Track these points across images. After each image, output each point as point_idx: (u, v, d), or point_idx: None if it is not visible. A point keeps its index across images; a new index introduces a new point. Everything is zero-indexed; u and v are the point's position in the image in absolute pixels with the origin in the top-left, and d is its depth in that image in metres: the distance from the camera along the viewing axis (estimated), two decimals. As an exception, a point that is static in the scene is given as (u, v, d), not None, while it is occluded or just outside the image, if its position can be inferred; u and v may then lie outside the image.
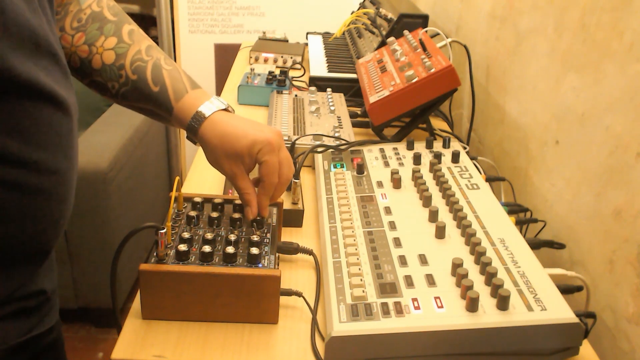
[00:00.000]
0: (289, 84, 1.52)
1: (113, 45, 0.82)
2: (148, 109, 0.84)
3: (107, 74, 0.82)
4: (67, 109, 0.70)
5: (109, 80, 0.82)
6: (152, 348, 0.69)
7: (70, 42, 0.82)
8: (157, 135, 2.48)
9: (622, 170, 0.83)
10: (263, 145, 0.76)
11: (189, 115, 0.79)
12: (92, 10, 0.83)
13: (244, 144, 0.76)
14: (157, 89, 0.81)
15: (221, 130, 0.77)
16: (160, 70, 0.82)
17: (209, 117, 0.78)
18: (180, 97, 0.80)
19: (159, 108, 0.81)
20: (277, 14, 2.61)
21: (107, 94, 0.84)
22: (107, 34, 0.82)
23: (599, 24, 0.90)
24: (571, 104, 0.98)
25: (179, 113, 0.80)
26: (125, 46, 0.82)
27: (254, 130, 0.77)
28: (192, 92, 0.81)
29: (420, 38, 1.29)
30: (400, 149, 1.09)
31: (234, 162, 0.77)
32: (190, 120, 0.79)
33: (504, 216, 0.87)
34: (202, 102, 0.79)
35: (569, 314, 0.68)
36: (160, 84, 0.81)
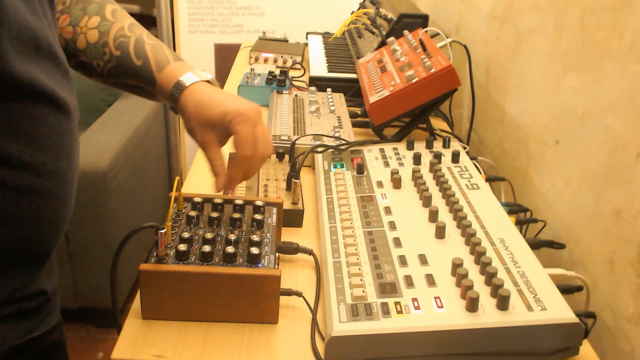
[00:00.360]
0: (289, 84, 1.52)
1: (96, 24, 0.82)
2: (133, 85, 0.84)
3: (92, 52, 0.82)
4: (68, 111, 0.70)
5: (94, 59, 0.83)
6: (152, 348, 0.69)
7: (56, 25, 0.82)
8: (157, 135, 2.48)
9: (622, 170, 0.83)
10: (235, 115, 0.76)
11: (170, 84, 0.80)
12: None
13: (216, 112, 0.76)
14: (140, 63, 0.81)
15: (198, 98, 0.78)
16: (143, 45, 0.82)
17: (189, 86, 0.79)
18: (163, 68, 0.81)
19: (143, 81, 0.82)
20: (277, 14, 2.61)
21: (93, 74, 0.85)
22: (91, 13, 0.83)
23: (599, 24, 0.90)
24: (571, 104, 0.98)
25: (161, 83, 0.81)
26: (108, 24, 0.83)
27: (230, 101, 0.77)
28: (175, 63, 0.82)
29: (420, 38, 1.29)
30: (400, 149, 1.09)
31: (206, 130, 0.78)
32: (171, 89, 0.79)
33: (504, 216, 0.87)
34: (184, 73, 0.80)
35: (569, 314, 0.68)
36: (143, 57, 0.82)
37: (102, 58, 0.82)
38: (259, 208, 0.84)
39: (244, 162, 0.78)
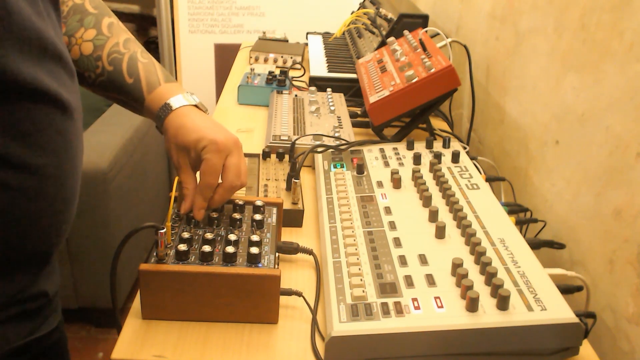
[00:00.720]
0: (289, 84, 1.52)
1: (92, 37, 0.84)
2: (121, 100, 0.86)
3: (85, 64, 0.83)
4: (72, 113, 0.70)
5: (85, 70, 0.84)
6: (152, 348, 0.69)
7: None
8: (157, 135, 2.47)
9: (622, 170, 0.83)
10: (208, 142, 0.76)
11: (158, 105, 0.81)
12: (74, 2, 0.85)
13: (192, 138, 0.77)
14: (131, 81, 0.83)
15: (181, 121, 0.79)
16: (136, 63, 0.84)
17: (175, 110, 0.80)
18: (153, 89, 0.82)
19: (132, 99, 0.84)
20: (277, 14, 2.61)
21: (83, 83, 0.85)
22: (87, 26, 0.84)
23: (599, 24, 0.90)
24: (571, 104, 0.98)
25: (149, 104, 0.82)
26: (103, 38, 0.84)
27: (208, 129, 0.78)
28: (165, 84, 0.83)
29: (420, 38, 1.29)
30: (400, 149, 1.09)
31: (181, 153, 0.79)
32: (158, 110, 0.81)
33: (504, 216, 0.87)
34: (174, 95, 0.82)
35: (569, 314, 0.68)
36: (135, 76, 0.83)
37: (94, 71, 0.84)
38: (259, 208, 0.84)
39: (206, 190, 0.77)
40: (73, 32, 0.84)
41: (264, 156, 1.11)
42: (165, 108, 0.81)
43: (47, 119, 0.66)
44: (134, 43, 0.86)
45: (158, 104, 0.81)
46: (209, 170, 0.76)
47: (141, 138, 2.20)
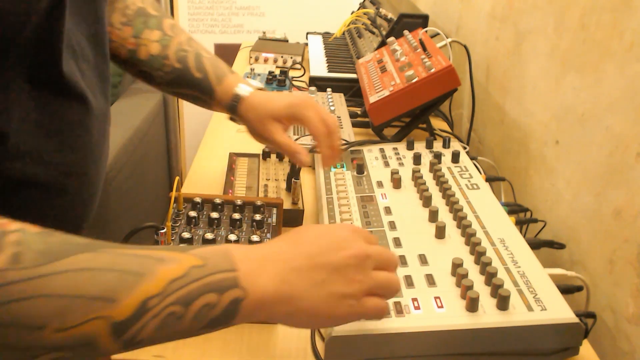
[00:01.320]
0: (289, 84, 1.52)
1: (158, 38, 0.90)
2: (191, 95, 0.92)
3: (153, 64, 0.90)
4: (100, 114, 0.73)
5: (155, 70, 0.90)
6: (152, 348, 0.69)
7: (119, 36, 0.89)
8: (157, 135, 2.48)
9: (622, 170, 0.83)
10: (298, 103, 0.86)
11: (229, 96, 0.89)
12: (137, 6, 0.91)
13: (281, 105, 0.86)
14: (200, 76, 0.90)
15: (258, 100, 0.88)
16: (202, 59, 0.91)
17: (246, 97, 0.88)
18: (221, 81, 0.90)
19: (203, 92, 0.91)
20: (277, 14, 2.61)
21: (153, 83, 0.92)
22: (152, 27, 0.90)
23: (599, 24, 0.90)
24: (571, 104, 0.98)
25: (220, 95, 0.90)
26: (168, 38, 0.91)
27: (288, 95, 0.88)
28: (231, 76, 0.91)
29: (420, 38, 1.29)
30: (400, 149, 1.09)
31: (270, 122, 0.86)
32: (230, 100, 0.89)
33: (504, 216, 0.87)
34: (239, 84, 0.90)
35: (569, 314, 0.68)
36: (203, 71, 0.90)
37: (163, 70, 0.90)
38: (259, 208, 0.84)
39: (325, 139, 0.86)
40: (139, 33, 0.90)
41: (264, 156, 1.11)
42: (236, 97, 0.89)
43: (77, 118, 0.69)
44: (194, 40, 0.93)
45: (228, 94, 0.89)
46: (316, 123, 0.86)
47: (141, 138, 2.20)
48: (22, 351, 0.43)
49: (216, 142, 1.26)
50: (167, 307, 0.46)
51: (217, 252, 0.51)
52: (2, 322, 0.41)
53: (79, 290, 0.44)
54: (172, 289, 0.47)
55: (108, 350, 0.46)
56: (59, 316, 0.43)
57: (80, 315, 0.43)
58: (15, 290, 0.42)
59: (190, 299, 0.47)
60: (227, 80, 0.90)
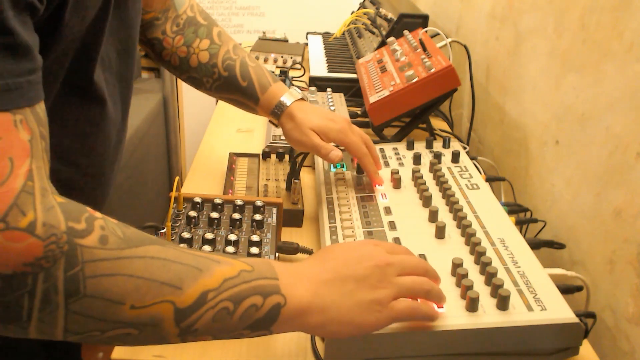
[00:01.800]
0: (289, 84, 1.52)
1: (207, 47, 0.97)
2: (236, 100, 0.98)
3: (203, 71, 0.96)
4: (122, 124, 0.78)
5: (204, 77, 0.97)
6: (152, 348, 0.69)
7: (171, 44, 0.96)
8: (157, 135, 2.48)
9: (622, 170, 0.83)
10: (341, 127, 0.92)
11: (272, 104, 0.95)
12: (188, 15, 0.98)
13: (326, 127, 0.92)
14: (245, 84, 0.96)
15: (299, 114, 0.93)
16: (247, 67, 0.97)
17: (289, 106, 0.94)
18: (265, 90, 0.96)
19: (248, 99, 0.97)
20: (277, 14, 2.61)
21: (201, 88, 0.99)
22: (201, 36, 0.97)
23: (599, 24, 0.90)
24: (571, 104, 0.98)
25: (264, 102, 0.96)
26: (216, 47, 0.97)
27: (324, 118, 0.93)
28: (275, 85, 0.96)
29: (420, 38, 1.29)
30: (400, 149, 1.09)
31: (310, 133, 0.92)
32: (274, 108, 0.95)
33: (504, 216, 0.87)
34: (283, 93, 0.95)
35: (569, 314, 0.68)
36: (248, 79, 0.96)
37: (212, 77, 0.96)
38: (259, 208, 0.84)
39: (369, 158, 0.93)
40: (190, 42, 0.97)
41: (264, 156, 1.11)
42: (280, 106, 0.94)
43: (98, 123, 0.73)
44: (240, 49, 0.99)
45: (272, 102, 0.95)
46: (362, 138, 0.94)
47: (141, 138, 2.20)
48: (102, 323, 0.49)
49: (216, 142, 1.26)
50: (221, 302, 0.52)
51: (261, 262, 0.58)
52: (92, 293, 0.47)
53: (152, 275, 0.50)
54: (226, 287, 0.53)
55: (168, 335, 0.51)
56: (135, 294, 0.49)
57: (152, 296, 0.49)
58: (104, 267, 0.48)
59: (240, 297, 0.53)
60: (272, 89, 0.96)
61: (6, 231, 0.44)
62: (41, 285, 0.46)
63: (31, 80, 0.49)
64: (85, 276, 0.47)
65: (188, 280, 0.51)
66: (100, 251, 0.48)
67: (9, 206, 0.45)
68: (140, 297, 0.49)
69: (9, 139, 0.46)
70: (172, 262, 0.52)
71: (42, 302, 0.46)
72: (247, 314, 0.54)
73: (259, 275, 0.55)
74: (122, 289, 0.48)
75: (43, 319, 0.47)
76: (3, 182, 0.45)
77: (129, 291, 0.49)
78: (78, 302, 0.47)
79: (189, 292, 0.51)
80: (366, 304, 0.58)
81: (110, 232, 0.50)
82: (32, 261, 0.45)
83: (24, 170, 0.47)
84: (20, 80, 0.48)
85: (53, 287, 0.46)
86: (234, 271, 0.54)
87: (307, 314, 0.56)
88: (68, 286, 0.47)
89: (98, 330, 0.49)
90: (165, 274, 0.50)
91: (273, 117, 0.96)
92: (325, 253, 0.63)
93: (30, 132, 0.48)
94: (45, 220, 0.46)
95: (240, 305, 0.53)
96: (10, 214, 0.45)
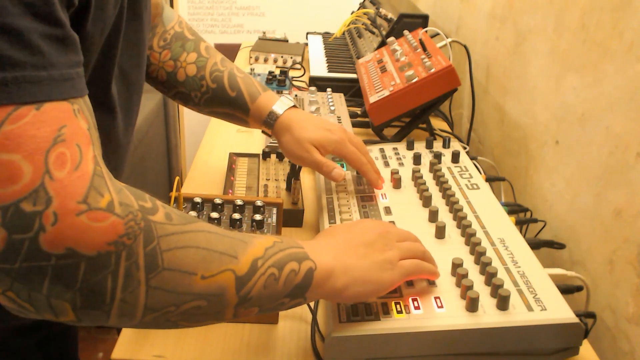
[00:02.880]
0: (289, 84, 1.52)
1: (194, 60, 0.95)
2: (227, 113, 0.96)
3: (190, 84, 0.95)
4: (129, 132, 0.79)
5: (192, 90, 0.95)
6: (152, 348, 0.69)
7: (158, 59, 0.95)
8: (157, 135, 2.48)
9: (622, 170, 0.83)
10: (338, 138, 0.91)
11: (264, 113, 0.93)
12: (175, 30, 0.97)
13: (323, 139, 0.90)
14: (234, 94, 0.94)
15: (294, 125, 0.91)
16: (235, 78, 0.95)
17: (281, 115, 0.92)
18: (255, 99, 0.94)
19: (237, 110, 0.95)
20: (277, 14, 2.61)
21: (190, 103, 0.97)
22: (189, 50, 0.96)
23: (599, 24, 0.90)
24: (571, 104, 0.98)
25: (255, 113, 0.94)
26: (204, 60, 0.96)
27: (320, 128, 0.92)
28: (264, 94, 0.95)
29: (420, 38, 1.29)
30: (400, 149, 1.09)
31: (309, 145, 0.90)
32: (265, 117, 0.93)
33: (504, 216, 0.87)
34: (274, 102, 0.93)
35: (569, 314, 0.68)
36: (237, 89, 0.94)
37: (200, 90, 0.95)
38: (259, 208, 0.84)
39: (368, 166, 0.93)
40: (177, 56, 0.95)
41: (264, 156, 1.11)
42: (272, 115, 0.92)
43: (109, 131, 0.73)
44: (228, 61, 0.98)
45: (263, 112, 0.93)
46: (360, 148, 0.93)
47: (141, 138, 2.20)
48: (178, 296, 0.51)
49: (216, 142, 1.26)
50: (269, 268, 0.56)
51: (284, 237, 0.62)
52: (169, 266, 0.50)
53: (214, 246, 0.53)
54: (269, 255, 0.57)
55: (228, 306, 0.54)
56: (203, 264, 0.52)
57: (217, 265, 0.53)
58: (176, 240, 0.51)
59: (281, 263, 0.57)
60: (262, 98, 0.94)
61: (89, 212, 0.46)
62: (124, 263, 0.47)
63: (79, 72, 0.51)
64: (161, 250, 0.49)
65: (240, 250, 0.55)
66: (169, 226, 0.51)
67: (87, 188, 0.46)
68: (207, 267, 0.52)
69: (73, 127, 0.48)
70: (223, 235, 0.56)
71: (125, 281, 0.48)
72: (289, 280, 0.58)
73: (288, 245, 0.60)
74: (193, 260, 0.51)
75: (125, 299, 0.48)
76: (77, 166, 0.47)
77: (199, 262, 0.52)
78: (158, 277, 0.49)
79: (243, 261, 0.55)
80: (379, 264, 0.65)
81: (171, 210, 0.53)
82: (115, 239, 0.47)
83: (91, 156, 0.48)
84: (72, 71, 0.49)
85: (135, 264, 0.48)
86: (269, 242, 0.58)
87: (333, 276, 0.61)
88: (148, 261, 0.49)
89: (173, 304, 0.51)
90: (222, 245, 0.54)
91: (266, 126, 0.94)
92: (330, 231, 0.70)
93: (87, 121, 0.50)
94: (121, 200, 0.48)
95: (283, 270, 0.57)
96: (90, 195, 0.46)
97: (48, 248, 0.45)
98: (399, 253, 0.67)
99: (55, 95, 0.47)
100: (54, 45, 0.47)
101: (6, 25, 0.44)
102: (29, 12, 0.45)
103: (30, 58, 0.45)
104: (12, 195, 0.44)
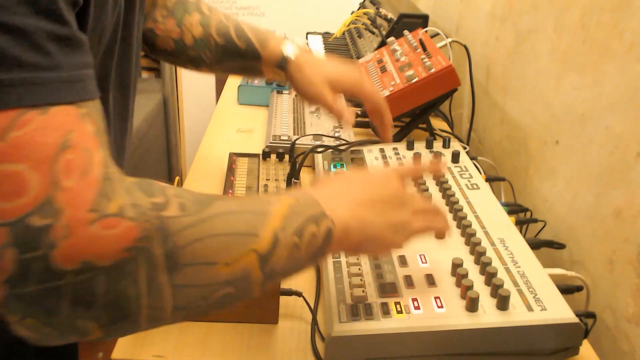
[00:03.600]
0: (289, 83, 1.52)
1: (198, 20, 0.96)
2: (240, 66, 0.98)
3: (199, 46, 0.95)
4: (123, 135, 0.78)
5: (201, 51, 0.95)
6: (152, 348, 0.69)
7: (163, 29, 0.95)
8: (157, 135, 2.48)
9: (622, 170, 0.83)
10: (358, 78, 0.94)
11: (275, 58, 0.94)
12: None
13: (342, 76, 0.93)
14: (244, 46, 0.95)
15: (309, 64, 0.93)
16: (242, 30, 0.96)
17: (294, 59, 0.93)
18: (266, 45, 0.95)
19: (250, 60, 0.95)
20: (277, 14, 2.61)
21: (202, 66, 0.97)
22: (191, 11, 0.96)
23: (599, 24, 0.90)
24: (571, 104, 0.98)
25: (267, 58, 0.95)
26: (207, 18, 0.96)
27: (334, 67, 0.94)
28: (273, 38, 0.96)
29: (420, 38, 1.29)
30: (400, 149, 1.09)
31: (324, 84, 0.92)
32: (279, 61, 0.94)
33: (504, 216, 0.87)
34: (284, 45, 0.94)
35: (569, 314, 0.68)
36: (245, 39, 0.95)
37: (209, 48, 0.95)
38: (259, 208, 0.84)
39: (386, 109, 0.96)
40: (181, 20, 0.95)
41: (264, 156, 1.11)
42: (284, 59, 0.93)
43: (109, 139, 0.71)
44: (232, 17, 0.98)
45: (274, 57, 0.94)
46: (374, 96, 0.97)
47: (141, 138, 2.20)
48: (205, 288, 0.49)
49: (216, 142, 1.26)
50: (290, 238, 0.54)
51: (299, 193, 0.61)
52: (190, 261, 0.47)
53: (232, 229, 0.51)
54: (287, 223, 0.54)
55: (255, 285, 0.52)
56: (225, 251, 0.50)
57: (238, 249, 0.51)
58: (192, 233, 0.48)
59: (300, 230, 0.55)
60: (271, 43, 0.94)
61: (102, 219, 0.43)
62: (144, 268, 0.45)
63: (89, 74, 0.48)
64: (180, 246, 0.47)
65: (260, 226, 0.53)
66: (184, 219, 0.48)
67: (97, 195, 0.44)
68: (230, 253, 0.50)
69: (80, 131, 0.45)
70: (241, 213, 0.53)
71: (148, 286, 0.45)
72: (310, 244, 0.56)
73: (305, 205, 0.58)
74: (214, 250, 0.49)
75: (152, 304, 0.46)
76: (86, 173, 0.44)
77: (220, 250, 0.50)
78: (180, 275, 0.47)
79: (264, 237, 0.52)
80: (395, 224, 0.63)
81: (185, 199, 0.50)
82: (132, 244, 0.44)
83: (99, 160, 0.46)
84: (80, 73, 0.47)
85: (154, 267, 0.46)
86: (286, 207, 0.56)
87: (349, 233, 0.60)
88: (168, 261, 0.46)
89: (202, 298, 0.49)
90: (241, 225, 0.52)
91: (280, 70, 0.94)
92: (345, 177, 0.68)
93: (95, 125, 0.47)
94: (132, 202, 0.46)
95: (303, 236, 0.55)
96: (100, 202, 0.44)
97: (62, 265, 0.42)
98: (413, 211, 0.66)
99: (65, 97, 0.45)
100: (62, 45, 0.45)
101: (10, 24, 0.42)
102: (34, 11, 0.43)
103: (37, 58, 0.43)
104: (19, 209, 0.41)
